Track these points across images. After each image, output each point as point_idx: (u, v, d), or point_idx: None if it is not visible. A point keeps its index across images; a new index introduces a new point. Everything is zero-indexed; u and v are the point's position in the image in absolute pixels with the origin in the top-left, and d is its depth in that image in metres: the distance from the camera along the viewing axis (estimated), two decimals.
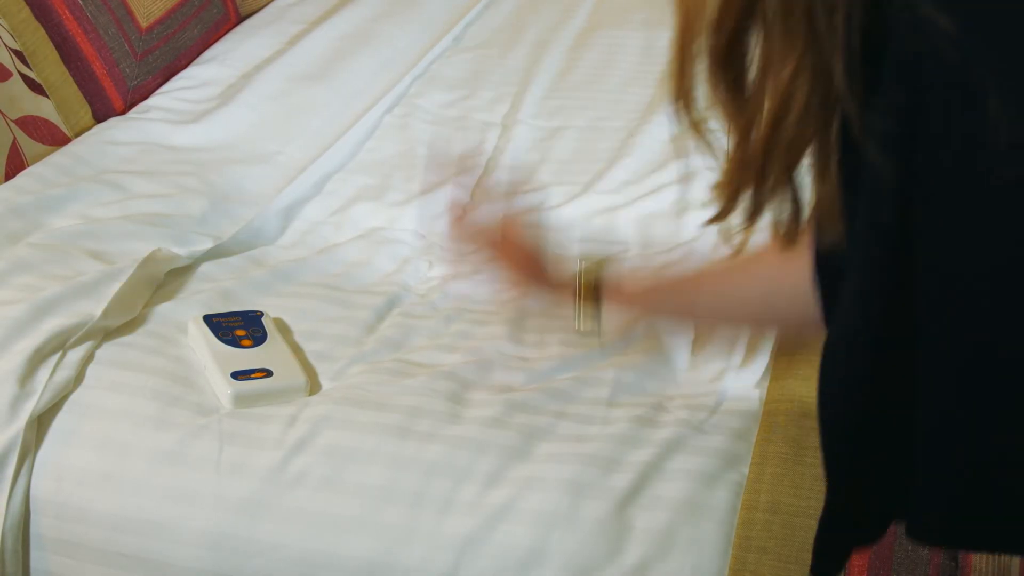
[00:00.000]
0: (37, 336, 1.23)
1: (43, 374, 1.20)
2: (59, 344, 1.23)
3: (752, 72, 0.70)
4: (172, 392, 1.21)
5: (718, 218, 0.76)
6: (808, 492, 1.09)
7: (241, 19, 2.10)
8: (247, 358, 1.24)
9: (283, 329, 1.32)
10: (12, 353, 1.22)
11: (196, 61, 1.90)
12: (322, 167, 1.66)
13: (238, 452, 1.16)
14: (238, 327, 1.28)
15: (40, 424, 1.20)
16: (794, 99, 0.67)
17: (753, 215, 0.74)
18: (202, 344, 1.25)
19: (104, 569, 1.17)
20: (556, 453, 1.14)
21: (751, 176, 0.72)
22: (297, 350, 1.29)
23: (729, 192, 0.74)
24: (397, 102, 1.87)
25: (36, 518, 1.17)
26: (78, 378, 1.23)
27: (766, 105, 0.69)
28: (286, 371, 1.23)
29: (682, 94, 0.74)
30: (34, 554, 1.18)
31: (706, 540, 1.07)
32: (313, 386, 1.25)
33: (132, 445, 1.18)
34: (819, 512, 1.06)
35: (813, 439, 1.14)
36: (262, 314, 1.31)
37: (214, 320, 1.28)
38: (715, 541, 1.07)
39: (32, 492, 1.17)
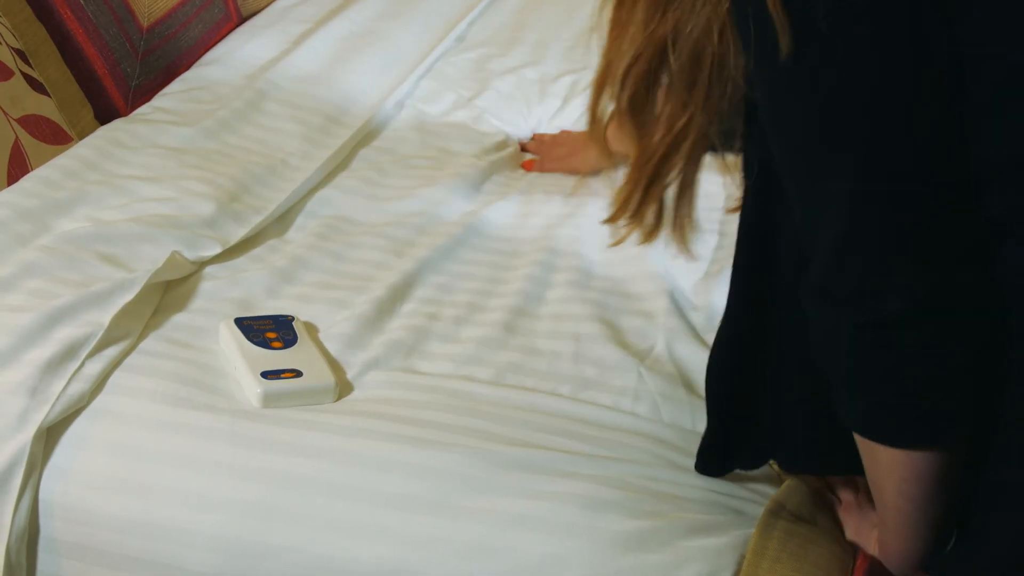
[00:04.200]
0: (48, 346, 1.22)
1: (56, 386, 1.20)
2: (70, 354, 1.22)
3: (654, 112, 0.95)
4: (182, 395, 1.21)
5: (611, 220, 1.03)
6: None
7: (243, 19, 2.10)
8: (277, 359, 1.25)
9: (313, 333, 1.32)
10: (22, 363, 1.21)
11: (200, 62, 1.90)
12: (328, 166, 1.66)
13: (249, 456, 1.16)
14: (269, 330, 1.28)
15: (50, 428, 1.19)
16: (684, 141, 0.95)
17: (636, 217, 1.01)
18: (232, 345, 1.26)
19: (113, 572, 1.16)
20: (571, 464, 1.15)
21: (641, 190, 0.99)
22: (327, 353, 1.29)
23: (623, 201, 1.00)
24: (402, 101, 1.88)
25: (45, 521, 1.17)
26: (95, 391, 1.22)
27: (661, 140, 0.96)
28: (316, 372, 1.23)
29: (596, 132, 1.00)
30: (42, 557, 1.18)
31: (719, 551, 1.07)
32: (342, 388, 1.25)
33: (141, 448, 1.17)
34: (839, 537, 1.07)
35: None
36: (293, 318, 1.31)
37: (245, 323, 1.29)
38: (729, 551, 1.07)
39: (41, 495, 1.17)
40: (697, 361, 1.32)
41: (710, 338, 1.36)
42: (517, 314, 1.38)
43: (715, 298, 1.43)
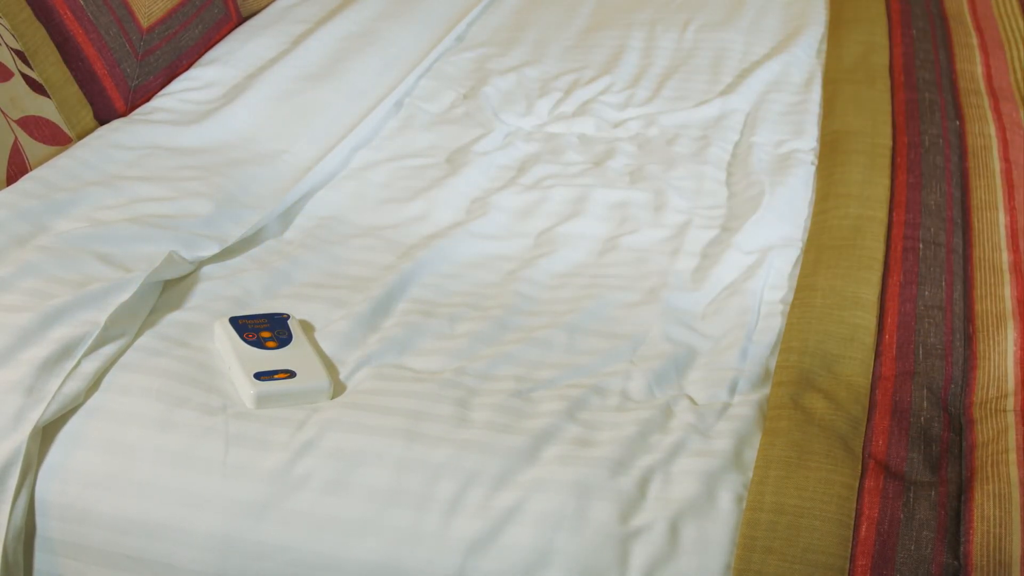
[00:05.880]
0: (45, 345, 1.23)
1: (52, 384, 1.20)
2: (66, 353, 1.23)
3: None
4: (178, 394, 1.22)
5: None
6: (812, 494, 1.10)
7: (242, 19, 2.11)
8: (271, 359, 1.25)
9: (309, 331, 1.32)
10: (19, 362, 1.22)
11: (199, 62, 1.90)
12: (327, 166, 1.66)
13: (244, 454, 1.16)
14: (263, 329, 1.28)
15: (46, 427, 1.20)
16: None
17: None
18: (227, 345, 1.26)
19: (109, 571, 1.17)
20: (563, 456, 1.15)
21: None
22: (322, 353, 1.29)
23: None
24: (401, 100, 1.88)
25: (41, 520, 1.17)
26: (91, 390, 1.23)
27: None
28: (309, 373, 1.24)
29: None
30: (39, 556, 1.18)
31: (712, 541, 1.08)
32: (336, 388, 1.25)
33: (137, 447, 1.18)
34: (824, 514, 1.07)
35: (817, 445, 1.14)
36: (288, 316, 1.31)
37: (240, 322, 1.29)
38: (720, 542, 1.08)
39: (37, 494, 1.17)
40: (691, 344, 1.33)
41: (705, 323, 1.37)
42: (513, 312, 1.38)
43: (710, 284, 1.45)
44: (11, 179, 1.54)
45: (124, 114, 1.75)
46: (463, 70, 2.00)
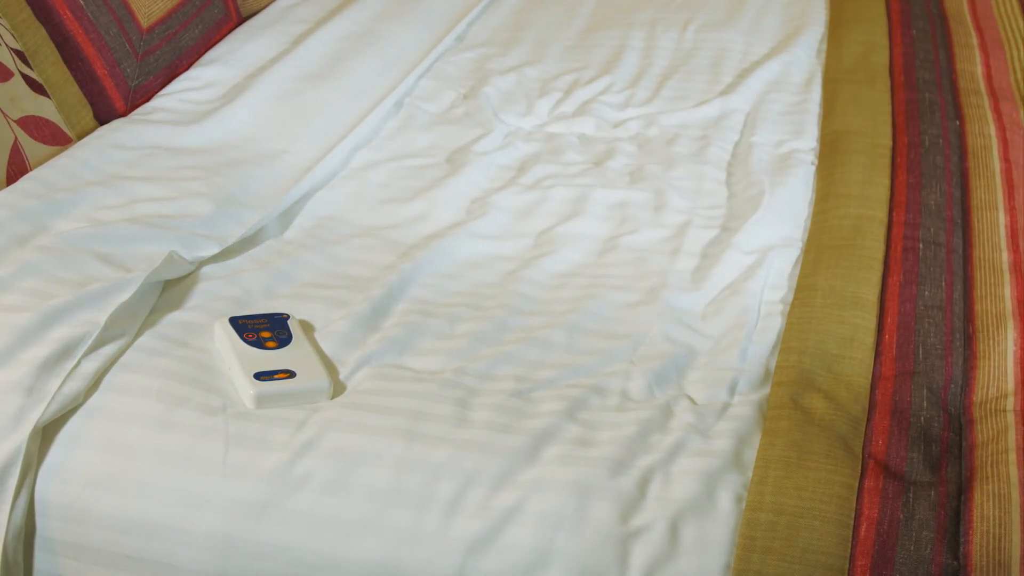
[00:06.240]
0: (45, 345, 1.23)
1: (52, 384, 1.20)
2: (66, 353, 1.23)
3: None
4: (178, 394, 1.22)
5: None
6: (812, 494, 1.10)
7: (242, 19, 2.11)
8: (271, 359, 1.25)
9: (309, 331, 1.33)
10: (19, 362, 1.22)
11: (199, 62, 1.90)
12: (327, 166, 1.66)
13: (244, 454, 1.16)
14: (263, 329, 1.29)
15: (46, 427, 1.20)
16: None
17: None
18: (227, 345, 1.26)
19: (109, 571, 1.17)
20: (563, 456, 1.15)
21: None
22: (322, 353, 1.29)
23: None
24: (401, 100, 1.88)
25: (41, 520, 1.17)
26: (91, 390, 1.23)
27: None
28: (309, 373, 1.24)
29: None
30: (39, 556, 1.18)
31: (711, 541, 1.08)
32: (336, 388, 1.25)
33: (137, 447, 1.18)
34: (824, 514, 1.07)
35: (816, 445, 1.14)
36: (288, 316, 1.32)
37: (240, 322, 1.29)
38: (720, 542, 1.08)
39: (37, 494, 1.17)
40: (691, 344, 1.33)
41: (705, 323, 1.37)
42: (513, 312, 1.38)
43: (710, 284, 1.45)
44: (11, 179, 1.54)
45: (124, 114, 1.75)
46: (463, 70, 2.00)
